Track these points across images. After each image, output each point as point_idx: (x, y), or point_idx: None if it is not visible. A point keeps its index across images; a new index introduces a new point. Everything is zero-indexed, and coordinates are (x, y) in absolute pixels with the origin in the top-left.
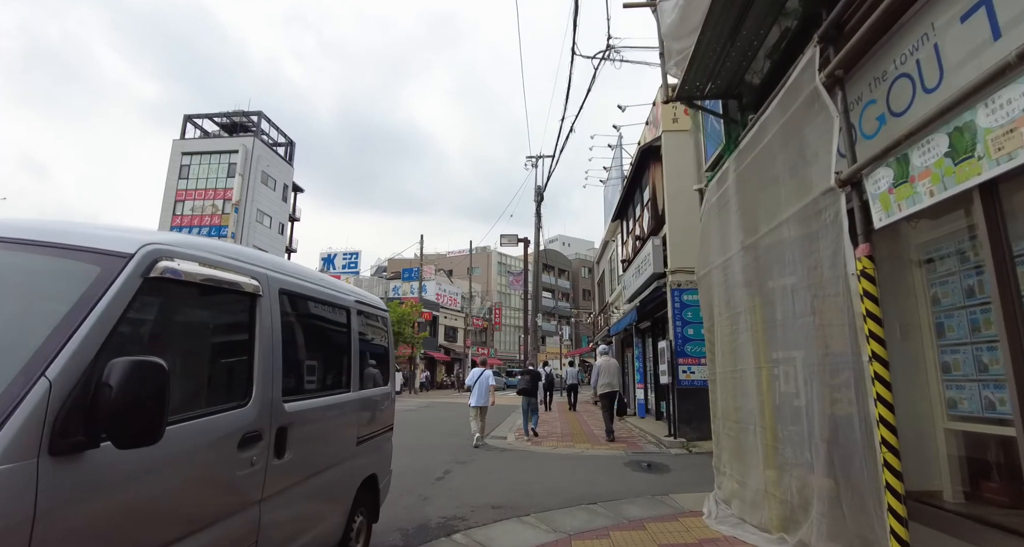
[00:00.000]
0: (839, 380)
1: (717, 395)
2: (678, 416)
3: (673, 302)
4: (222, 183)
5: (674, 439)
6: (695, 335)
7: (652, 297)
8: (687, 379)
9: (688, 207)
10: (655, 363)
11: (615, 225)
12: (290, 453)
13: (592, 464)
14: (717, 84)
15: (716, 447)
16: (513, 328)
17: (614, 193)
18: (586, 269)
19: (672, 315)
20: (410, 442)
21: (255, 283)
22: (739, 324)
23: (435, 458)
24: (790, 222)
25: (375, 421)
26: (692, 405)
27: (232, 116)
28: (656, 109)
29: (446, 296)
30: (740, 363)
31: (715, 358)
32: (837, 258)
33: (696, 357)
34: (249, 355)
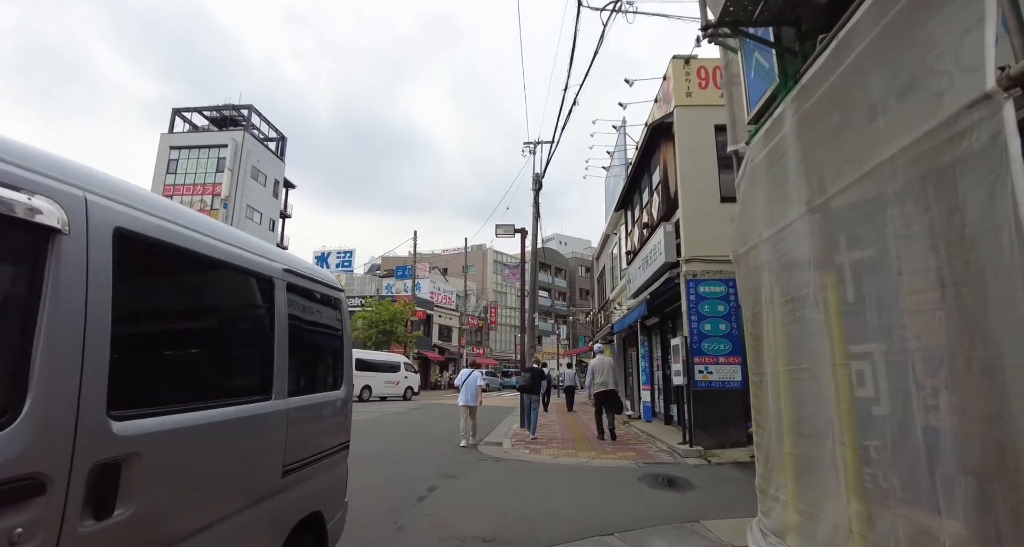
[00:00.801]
0: (995, 384)
1: (765, 400)
2: (694, 421)
3: (688, 294)
4: (211, 178)
5: (689, 447)
6: (712, 331)
7: (663, 290)
8: (704, 380)
9: (704, 189)
10: (664, 362)
11: (617, 216)
12: (127, 508)
13: (601, 478)
14: (770, 4)
15: (762, 464)
16: (509, 328)
17: (616, 184)
18: (583, 268)
19: (687, 309)
20: (392, 450)
21: (53, 208)
22: (802, 310)
23: (419, 470)
24: (895, 164)
25: (317, 439)
26: (709, 409)
27: (222, 110)
28: (667, 83)
29: (441, 294)
30: (806, 360)
31: (761, 354)
32: (997, 200)
33: (714, 356)
34: (27, 335)
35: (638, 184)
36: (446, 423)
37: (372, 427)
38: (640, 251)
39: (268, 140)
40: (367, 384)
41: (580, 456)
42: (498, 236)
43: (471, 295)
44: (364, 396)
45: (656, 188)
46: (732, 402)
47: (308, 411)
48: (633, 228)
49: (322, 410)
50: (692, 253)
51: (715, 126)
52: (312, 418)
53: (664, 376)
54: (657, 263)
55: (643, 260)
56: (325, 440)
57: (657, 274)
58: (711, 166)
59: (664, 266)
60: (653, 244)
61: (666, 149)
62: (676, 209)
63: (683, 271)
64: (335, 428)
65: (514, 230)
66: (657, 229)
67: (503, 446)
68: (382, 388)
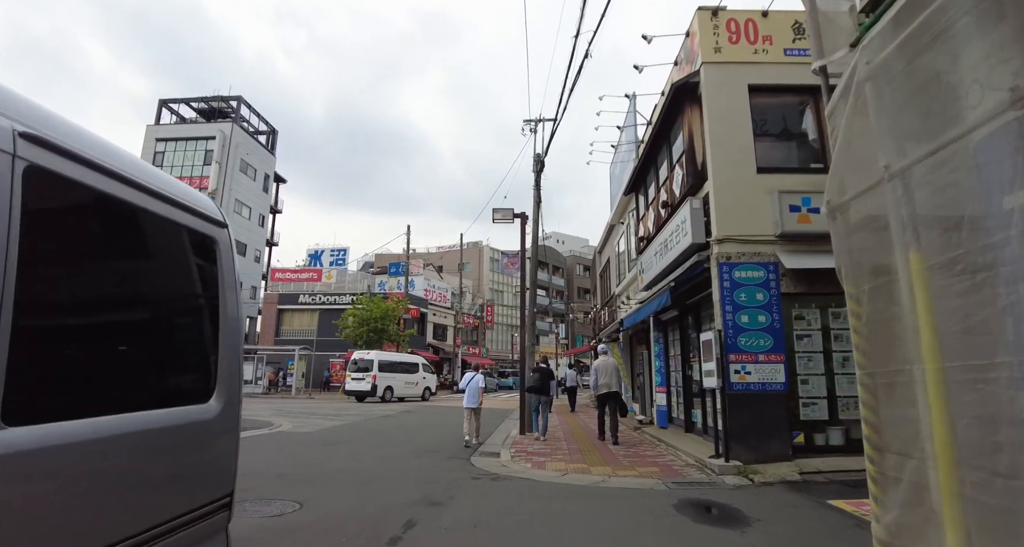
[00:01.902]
0: None
1: (897, 411)
2: (730, 430)
3: (721, 280)
4: (198, 171)
5: (725, 462)
6: (750, 323)
7: (687, 276)
8: (740, 382)
9: (737, 158)
10: (684, 361)
11: (626, 202)
12: None
13: (628, 508)
14: None
15: (890, 505)
16: (506, 327)
17: (623, 169)
18: (581, 266)
19: (720, 298)
20: (368, 464)
21: None
22: (991, 278)
23: (396, 496)
24: None
25: (128, 504)
26: (747, 416)
27: (210, 101)
28: (691, 40)
29: (435, 292)
30: (1002, 353)
31: (882, 345)
32: None
33: (752, 353)
34: None
35: (654, 160)
36: (436, 429)
37: (350, 434)
38: (657, 235)
39: (258, 133)
40: (389, 385)
41: (593, 472)
42: (496, 221)
43: (467, 292)
44: (387, 397)
45: (679, 160)
46: (774, 408)
47: (106, 451)
48: (647, 212)
49: (153, 444)
50: (725, 232)
51: (749, 86)
52: (117, 463)
53: (684, 377)
54: (681, 245)
55: (661, 245)
56: (161, 504)
57: (681, 258)
58: (745, 132)
59: (690, 249)
60: (676, 224)
61: (691, 114)
62: (704, 182)
63: (714, 254)
64: (191, 476)
65: (513, 215)
66: (681, 206)
67: (501, 458)
68: (402, 389)
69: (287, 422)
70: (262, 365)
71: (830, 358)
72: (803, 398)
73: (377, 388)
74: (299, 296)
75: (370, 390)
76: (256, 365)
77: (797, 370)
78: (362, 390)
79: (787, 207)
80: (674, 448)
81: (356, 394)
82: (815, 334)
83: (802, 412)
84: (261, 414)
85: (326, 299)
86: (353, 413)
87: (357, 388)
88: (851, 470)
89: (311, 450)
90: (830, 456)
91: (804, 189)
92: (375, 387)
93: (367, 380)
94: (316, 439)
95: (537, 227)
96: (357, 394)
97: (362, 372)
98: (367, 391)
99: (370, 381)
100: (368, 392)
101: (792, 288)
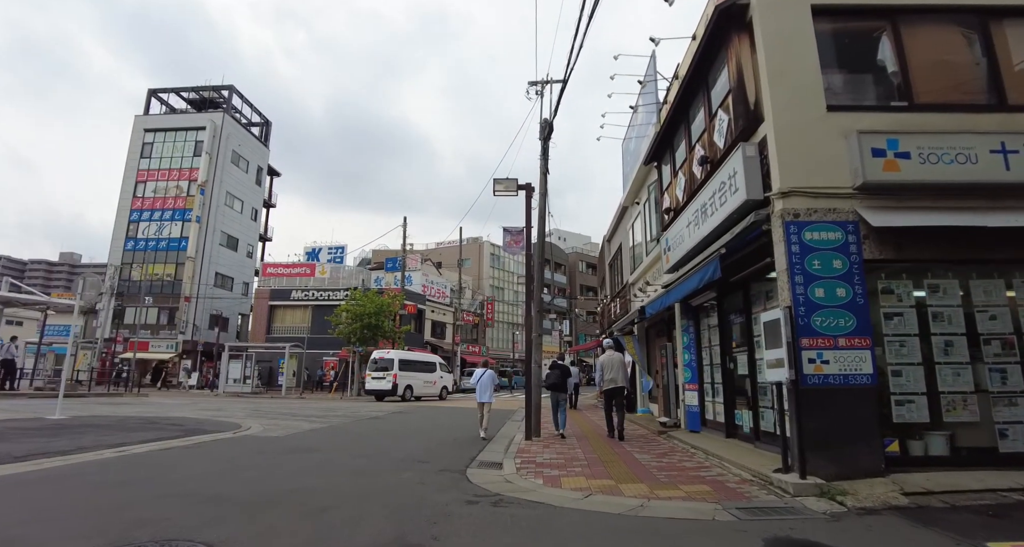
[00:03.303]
0: None
1: None
2: (803, 437)
3: (788, 243)
4: (188, 163)
5: (800, 479)
6: (827, 299)
7: (739, 243)
8: (816, 374)
9: (802, 93)
10: (722, 353)
11: (644, 175)
12: None
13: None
14: None
15: None
16: (507, 325)
17: (638, 144)
18: (583, 263)
19: (788, 265)
20: (335, 482)
21: None
22: None
23: (357, 534)
24: None
25: None
26: (827, 418)
27: (201, 90)
28: None
29: (433, 288)
30: None
31: None
32: None
33: (830, 336)
34: None
35: (684, 115)
36: (429, 433)
37: (327, 440)
38: (691, 202)
39: (252, 125)
40: (409, 384)
41: (625, 492)
42: (497, 193)
43: (466, 289)
44: (406, 396)
45: (722, 104)
46: (859, 407)
47: None
48: (673, 180)
49: None
50: (791, 183)
51: (812, 7)
52: None
53: (724, 372)
54: (728, 206)
55: (697, 212)
56: None
57: (728, 222)
58: (809, 62)
59: (743, 208)
60: (720, 181)
61: (739, 45)
62: (758, 125)
63: (777, 211)
64: None
65: (517, 186)
66: (729, 156)
67: (504, 470)
68: (421, 388)
69: (259, 424)
70: (251, 364)
71: (928, 343)
72: (895, 394)
73: (398, 387)
74: (291, 292)
75: (391, 389)
76: (245, 363)
77: (887, 358)
78: (382, 389)
79: (869, 151)
80: (718, 458)
81: (376, 393)
82: (907, 313)
83: (895, 412)
84: (235, 414)
85: (320, 295)
86: (340, 414)
87: (377, 387)
88: (970, 490)
89: (270, 461)
90: (933, 470)
91: (888, 129)
92: (396, 386)
93: (387, 379)
94: (283, 446)
95: (545, 201)
96: (377, 393)
97: (382, 371)
98: (388, 390)
99: (391, 380)
100: (389, 391)
101: (876, 253)
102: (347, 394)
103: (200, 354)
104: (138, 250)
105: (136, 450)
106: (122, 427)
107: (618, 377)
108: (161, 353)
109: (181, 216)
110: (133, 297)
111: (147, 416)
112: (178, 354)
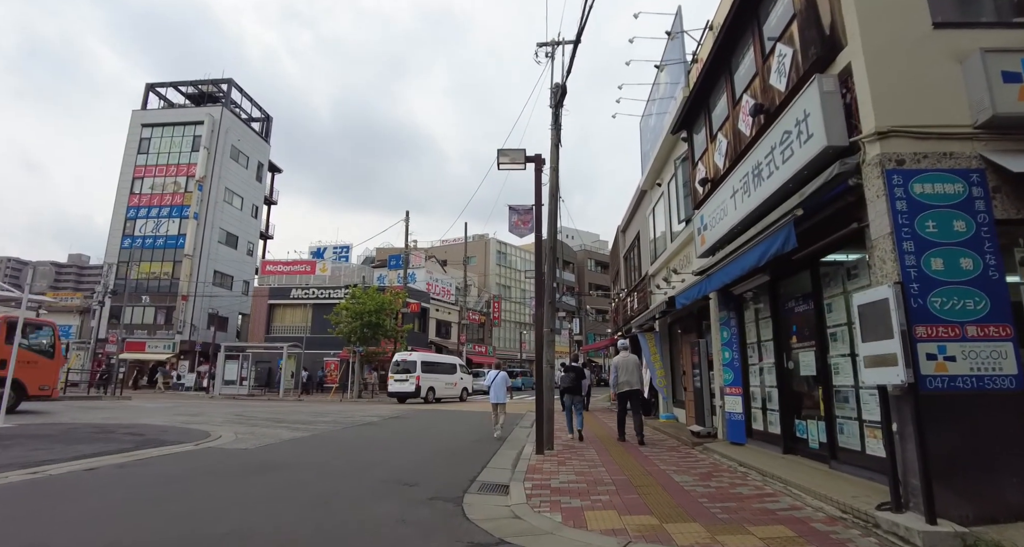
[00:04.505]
0: None
1: None
2: (928, 463)
3: (892, 199)
4: (185, 158)
5: (929, 525)
6: (946, 272)
7: (817, 204)
8: (939, 374)
9: (898, 8)
10: (776, 349)
11: (669, 149)
12: None
13: None
14: None
15: None
16: (513, 324)
17: (659, 121)
18: (592, 261)
19: (894, 230)
20: (286, 520)
21: None
22: None
23: None
24: None
25: None
26: (957, 435)
27: (199, 84)
28: None
29: (438, 286)
30: None
31: None
32: None
33: (955, 323)
34: None
35: (726, 62)
36: (425, 444)
37: (302, 453)
38: (741, 162)
39: (252, 120)
40: (431, 386)
41: (678, 538)
42: (501, 167)
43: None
44: (429, 398)
45: (784, 34)
46: (1002, 420)
47: None
48: (710, 144)
49: None
50: (890, 121)
51: None
52: None
53: (780, 372)
54: (800, 157)
55: (749, 176)
56: None
57: (798, 180)
58: None
59: (821, 158)
60: (785, 128)
61: None
62: (836, 53)
63: (873, 157)
64: None
65: (525, 157)
66: (800, 94)
67: (511, 498)
68: (443, 390)
69: (233, 432)
70: (248, 364)
71: None
72: None
73: (421, 389)
74: (291, 290)
75: (414, 391)
76: (241, 364)
77: None
78: (405, 391)
79: (998, 75)
80: (782, 482)
81: (399, 395)
82: None
83: None
84: (213, 420)
85: (320, 293)
86: (330, 419)
87: (401, 390)
88: None
89: (216, 486)
90: None
91: (1021, 47)
92: (418, 388)
93: (411, 381)
94: (245, 462)
95: (557, 176)
96: (400, 395)
97: (405, 373)
98: (411, 392)
99: (414, 382)
100: (412, 393)
101: (1012, 211)
102: (347, 396)
103: (198, 355)
104: (135, 248)
105: (56, 471)
106: (66, 438)
107: (633, 379)
108: (158, 353)
109: (179, 213)
110: (130, 296)
111: (108, 423)
112: (175, 355)
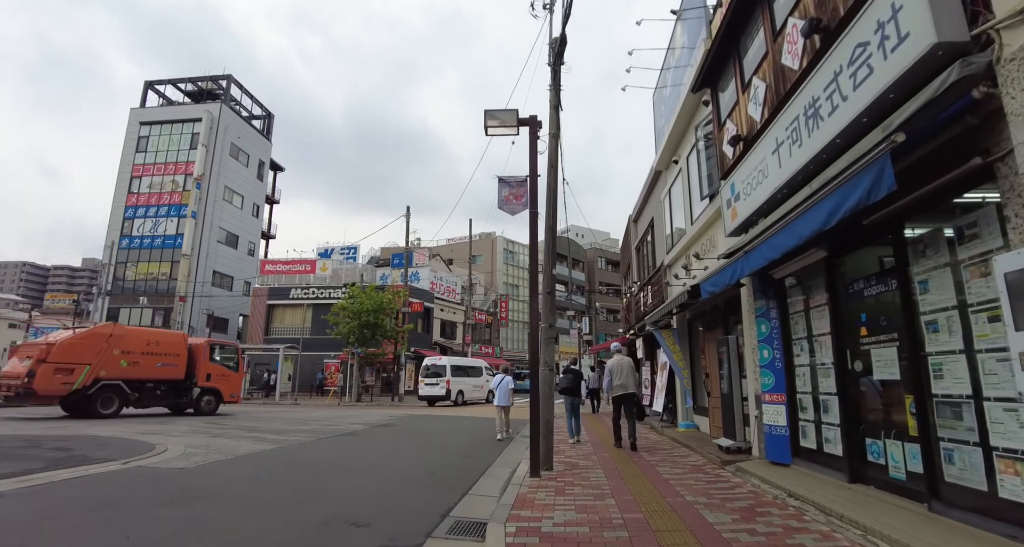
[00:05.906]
0: None
1: None
2: None
3: None
4: (184, 156)
5: None
6: None
7: (918, 128)
8: None
9: None
10: (835, 347)
11: (688, 115)
12: None
13: None
14: None
15: None
16: (521, 325)
17: (674, 92)
18: (603, 259)
19: None
20: None
21: None
22: None
23: None
24: None
25: None
26: None
27: (198, 81)
28: None
29: (442, 285)
30: None
31: None
32: None
33: None
34: None
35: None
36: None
37: (252, 473)
38: (789, 103)
39: (253, 118)
40: (461, 389)
41: None
42: (490, 131)
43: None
44: (458, 401)
45: None
46: None
47: None
48: (742, 95)
49: None
50: None
51: None
52: None
53: (843, 375)
54: (894, 67)
55: (800, 119)
56: None
57: (882, 104)
58: None
59: (926, 62)
60: (859, 39)
61: None
62: None
63: (1019, 51)
64: None
65: (518, 120)
66: None
67: (487, 543)
68: (471, 392)
69: (183, 445)
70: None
71: None
72: None
73: (451, 393)
74: (291, 290)
75: (444, 394)
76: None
77: None
78: (436, 395)
79: None
80: (862, 529)
81: (429, 398)
82: None
83: None
84: (174, 430)
85: (320, 293)
86: (310, 428)
87: (431, 393)
88: None
89: (87, 528)
90: None
91: None
92: (449, 391)
93: (441, 385)
94: (165, 489)
95: (557, 144)
96: (430, 398)
97: (435, 377)
98: (441, 395)
99: (444, 386)
100: (442, 396)
101: None
102: (345, 399)
103: None
104: (132, 248)
105: None
106: None
107: (628, 383)
108: None
109: (176, 212)
110: (128, 297)
111: (46, 435)
112: None
